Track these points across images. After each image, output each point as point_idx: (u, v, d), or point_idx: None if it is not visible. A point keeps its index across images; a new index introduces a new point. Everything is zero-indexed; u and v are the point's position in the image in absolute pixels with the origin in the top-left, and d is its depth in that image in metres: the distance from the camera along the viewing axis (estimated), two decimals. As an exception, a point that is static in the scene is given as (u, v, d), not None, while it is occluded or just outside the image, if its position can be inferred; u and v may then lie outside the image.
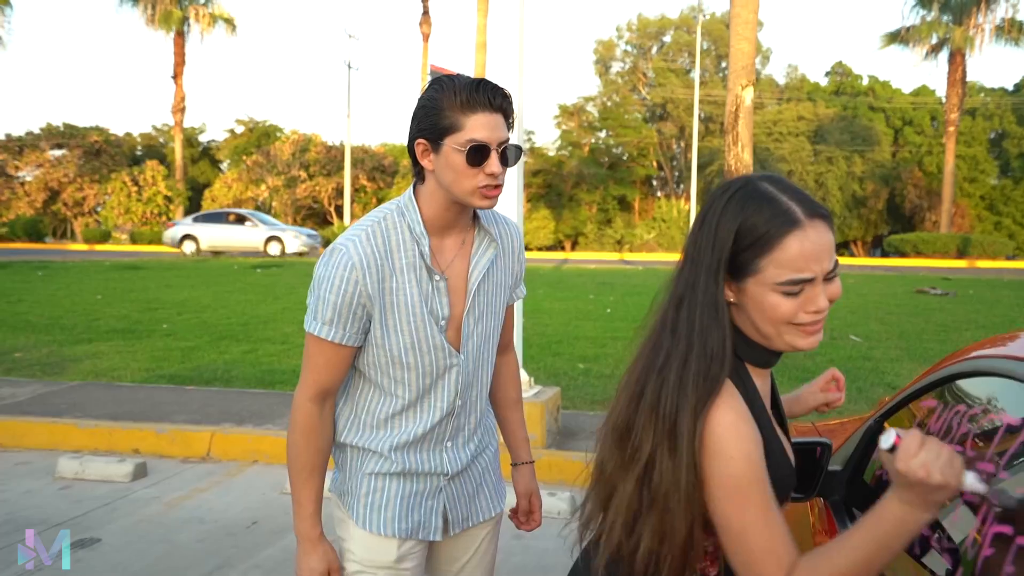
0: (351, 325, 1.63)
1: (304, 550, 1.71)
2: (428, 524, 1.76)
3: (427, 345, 1.67)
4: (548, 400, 5.09)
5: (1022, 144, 38.35)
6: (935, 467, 0.94)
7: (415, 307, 1.65)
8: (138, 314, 10.89)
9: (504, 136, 1.60)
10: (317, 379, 1.67)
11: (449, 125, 1.56)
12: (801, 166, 37.72)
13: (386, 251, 1.63)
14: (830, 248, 1.15)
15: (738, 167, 7.87)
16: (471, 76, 1.62)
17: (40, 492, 4.56)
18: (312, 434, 1.69)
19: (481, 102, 1.56)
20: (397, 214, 1.66)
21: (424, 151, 1.61)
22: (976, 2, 29.40)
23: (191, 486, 4.70)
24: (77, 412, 5.71)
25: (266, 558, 3.71)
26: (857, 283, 16.42)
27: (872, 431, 1.67)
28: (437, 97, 1.58)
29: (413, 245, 1.64)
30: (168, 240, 27.33)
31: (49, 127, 41.89)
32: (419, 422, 1.72)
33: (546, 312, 11.19)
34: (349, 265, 1.59)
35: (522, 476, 2.00)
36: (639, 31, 45.06)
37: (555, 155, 42.24)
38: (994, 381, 1.28)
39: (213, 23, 36.41)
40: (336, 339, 1.62)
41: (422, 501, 1.76)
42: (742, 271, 1.16)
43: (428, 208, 1.66)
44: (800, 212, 1.14)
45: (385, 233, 1.64)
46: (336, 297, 1.60)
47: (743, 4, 7.76)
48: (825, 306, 1.16)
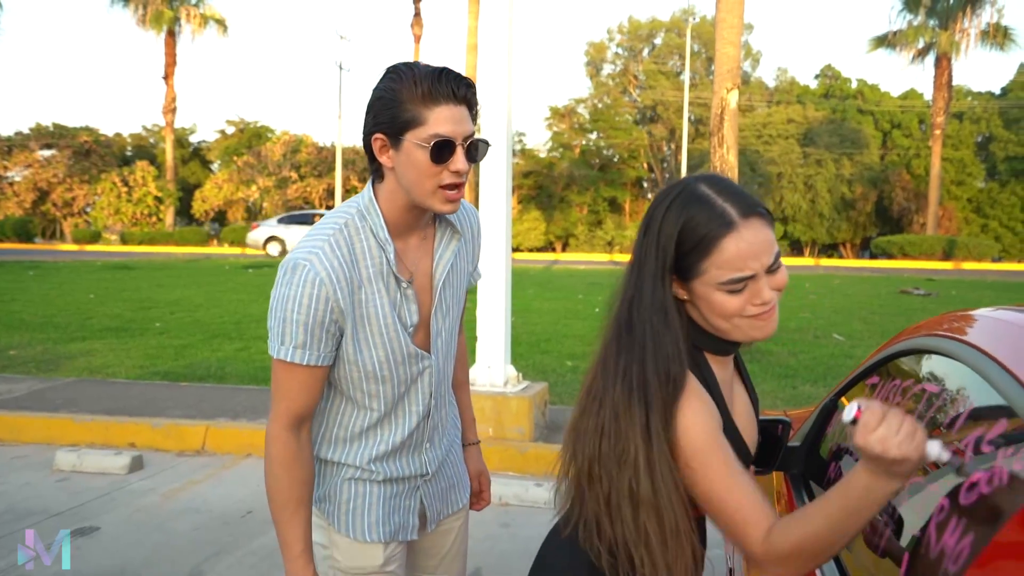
0: (325, 345, 1.51)
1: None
2: (407, 524, 1.72)
3: (400, 355, 1.59)
4: (536, 395, 5.22)
5: (1009, 148, 38.68)
6: (892, 442, 0.95)
7: (386, 317, 1.56)
8: (131, 313, 10.97)
9: (469, 130, 1.48)
10: (291, 406, 1.55)
11: (410, 119, 1.44)
12: (790, 168, 37.93)
13: (352, 261, 1.51)
14: (768, 243, 1.19)
15: (724, 169, 8.02)
16: (430, 66, 1.48)
17: (39, 484, 4.66)
18: (293, 465, 1.56)
19: (444, 93, 1.44)
20: (358, 218, 1.55)
21: (382, 147, 1.49)
22: (962, 7, 29.71)
23: (186, 478, 4.80)
24: (73, 407, 5.81)
25: (260, 546, 3.83)
26: (843, 284, 16.63)
27: (827, 409, 1.80)
28: (395, 88, 1.45)
29: (379, 251, 1.54)
30: (252, 242, 26.26)
31: (39, 127, 41.75)
32: (396, 430, 1.66)
33: (535, 312, 11.32)
34: (317, 281, 1.46)
35: (471, 456, 1.96)
36: (630, 33, 45.23)
37: (546, 157, 42.38)
38: (931, 358, 1.42)
39: (204, 24, 36.39)
40: (311, 362, 1.51)
41: (401, 502, 1.71)
42: (687, 273, 1.21)
43: (389, 210, 1.55)
44: (735, 213, 1.18)
45: (348, 241, 1.52)
46: (307, 317, 1.47)
47: (728, 9, 7.91)
48: (770, 297, 1.20)
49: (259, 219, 26.34)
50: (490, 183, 5.11)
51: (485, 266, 5.15)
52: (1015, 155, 38.37)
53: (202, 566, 3.60)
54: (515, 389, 5.18)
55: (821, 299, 13.65)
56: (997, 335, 1.21)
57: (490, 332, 5.13)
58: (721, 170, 8.01)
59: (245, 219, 39.04)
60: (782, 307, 4.27)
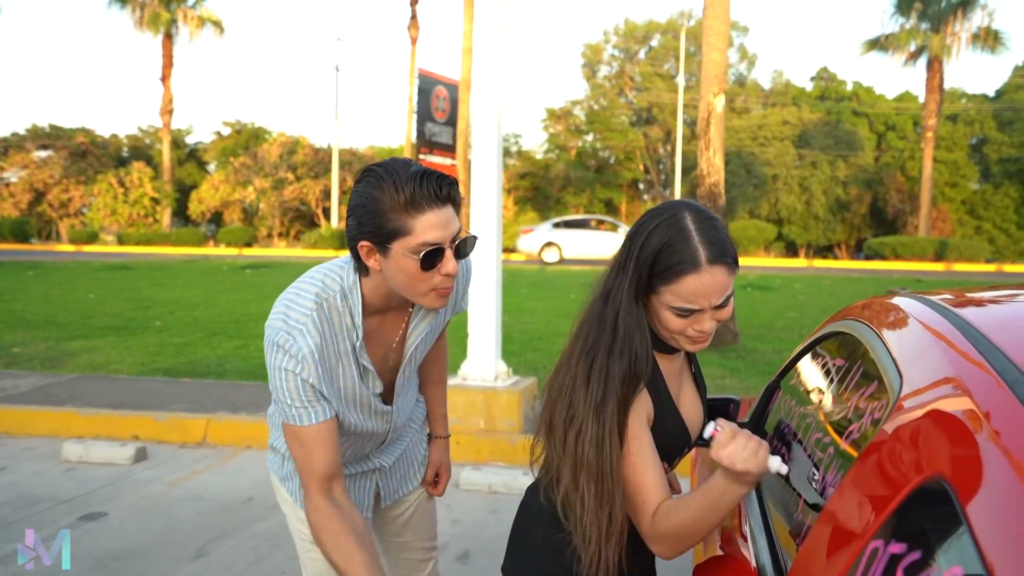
0: (323, 401, 1.58)
1: None
2: (362, 503, 1.89)
3: (368, 412, 1.73)
4: (525, 389, 5.43)
5: (1002, 150, 38.95)
6: (738, 458, 1.21)
7: (357, 386, 1.67)
8: (131, 312, 11.16)
9: (456, 228, 1.50)
10: (318, 467, 1.58)
11: (396, 229, 1.45)
12: (785, 170, 38.18)
13: (331, 337, 1.59)
14: (723, 288, 1.37)
15: (710, 171, 8.23)
16: (410, 167, 1.48)
17: (47, 474, 4.86)
18: (341, 526, 1.56)
19: (427, 198, 1.44)
20: (340, 297, 1.60)
21: (369, 252, 1.51)
22: (953, 10, 29.97)
23: (189, 468, 5.00)
24: (78, 401, 6.00)
25: (262, 530, 4.03)
26: (832, 284, 16.86)
27: (770, 389, 2.02)
28: (377, 196, 1.45)
29: (352, 333, 1.61)
30: (525, 247, 25.23)
31: (35, 128, 41.82)
32: (354, 451, 1.84)
33: (528, 311, 11.53)
34: (300, 357, 1.53)
35: (436, 449, 2.10)
36: (626, 35, 45.47)
37: (542, 158, 42.62)
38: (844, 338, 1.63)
39: (201, 25, 36.51)
40: (319, 419, 1.57)
41: (356, 484, 1.88)
42: (650, 288, 1.41)
43: (372, 296, 1.61)
44: (703, 257, 1.34)
45: (328, 318, 1.58)
46: (299, 394, 1.55)
47: (715, 16, 8.13)
48: (709, 328, 1.40)
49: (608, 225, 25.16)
50: (481, 179, 5.32)
51: (477, 265, 5.36)
52: (1009, 157, 38.64)
53: (206, 547, 3.80)
54: (505, 384, 5.39)
55: (810, 299, 13.87)
56: (889, 318, 1.42)
57: (481, 329, 5.34)
58: (708, 173, 8.23)
59: (241, 220, 39.17)
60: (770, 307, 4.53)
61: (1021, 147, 38.21)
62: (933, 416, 0.98)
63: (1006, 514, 0.75)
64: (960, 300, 1.42)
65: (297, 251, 31.48)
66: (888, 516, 0.91)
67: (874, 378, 1.28)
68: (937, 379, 1.05)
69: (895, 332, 1.32)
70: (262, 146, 40.16)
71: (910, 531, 0.86)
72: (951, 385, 1.00)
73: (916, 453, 0.94)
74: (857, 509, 1.01)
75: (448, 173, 1.53)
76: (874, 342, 1.35)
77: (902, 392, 1.10)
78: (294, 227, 38.90)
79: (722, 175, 8.20)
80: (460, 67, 19.28)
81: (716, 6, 8.24)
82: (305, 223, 39.80)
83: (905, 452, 0.97)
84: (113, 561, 3.63)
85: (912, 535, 0.85)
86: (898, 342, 1.27)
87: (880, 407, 1.17)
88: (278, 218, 38.63)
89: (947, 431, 0.93)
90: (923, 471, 0.89)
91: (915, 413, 1.02)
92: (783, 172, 38.10)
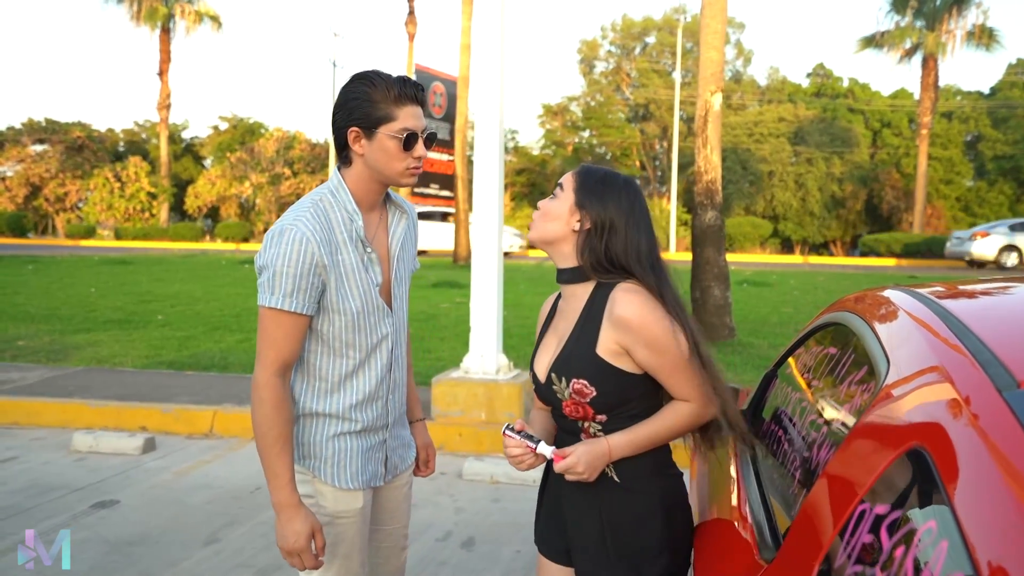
0: (309, 295, 1.80)
1: (287, 516, 1.83)
2: (377, 472, 2.04)
3: (372, 306, 1.91)
4: (526, 382, 5.54)
5: (997, 147, 39.16)
6: (574, 471, 1.68)
7: (360, 273, 1.88)
8: (133, 306, 11.25)
9: (424, 124, 1.87)
10: (278, 354, 1.81)
11: (383, 116, 1.80)
12: (781, 167, 38.34)
13: (329, 227, 1.83)
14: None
15: (708, 168, 8.34)
16: (392, 74, 1.86)
17: (58, 463, 4.96)
18: (282, 407, 1.83)
19: (409, 96, 1.81)
20: (330, 195, 1.87)
21: (356, 138, 1.83)
22: (948, 8, 30.12)
23: (197, 458, 5.11)
24: (86, 393, 6.10)
25: (269, 517, 4.13)
26: (826, 281, 17.01)
27: (767, 378, 2.13)
28: (368, 91, 1.82)
29: (349, 222, 1.86)
30: (977, 253, 23.44)
31: (31, 122, 41.81)
32: (368, 380, 1.96)
33: (527, 306, 11.64)
34: (303, 239, 1.76)
35: (419, 431, 2.26)
36: (623, 32, 45.56)
37: (539, 154, 42.76)
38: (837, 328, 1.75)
39: (199, 20, 36.51)
40: (297, 309, 1.79)
41: (373, 454, 2.02)
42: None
43: (357, 189, 1.89)
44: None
45: (324, 213, 1.84)
46: (295, 269, 1.76)
47: (712, 16, 8.23)
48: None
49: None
50: (483, 176, 5.42)
51: (478, 259, 5.47)
52: (1003, 154, 38.86)
53: (218, 533, 3.91)
54: (506, 377, 5.50)
55: (804, 295, 14.01)
56: (878, 310, 1.53)
57: (483, 323, 5.44)
58: (705, 169, 8.34)
59: (238, 215, 39.21)
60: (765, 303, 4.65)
61: (1015, 144, 38.43)
62: (915, 394, 1.09)
63: (977, 477, 0.86)
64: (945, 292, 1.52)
65: (294, 246, 31.43)
66: (874, 483, 1.02)
67: (864, 363, 1.39)
68: (920, 362, 1.16)
69: (883, 321, 1.43)
70: (259, 141, 40.16)
71: (893, 494, 0.97)
72: (931, 367, 1.11)
73: (899, 427, 1.05)
74: (847, 477, 1.12)
75: (444, 171, 1.83)
76: (864, 331, 1.46)
77: (888, 374, 1.21)
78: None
79: (719, 172, 8.31)
80: (458, 64, 19.36)
81: (714, 5, 8.34)
82: (302, 218, 39.74)
83: (890, 427, 1.08)
84: (128, 546, 3.74)
85: (894, 498, 0.96)
86: (885, 330, 1.38)
87: (869, 389, 1.28)
88: (275, 213, 38.64)
89: (927, 406, 1.04)
90: (905, 442, 0.99)
91: (900, 391, 1.13)
92: (779, 168, 38.25)
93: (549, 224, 1.80)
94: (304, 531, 1.83)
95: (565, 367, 1.77)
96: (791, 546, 1.19)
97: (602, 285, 1.78)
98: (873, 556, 0.93)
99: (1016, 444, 0.86)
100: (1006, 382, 0.96)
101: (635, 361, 1.72)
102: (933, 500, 0.89)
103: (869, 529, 0.96)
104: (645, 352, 1.70)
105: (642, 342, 1.69)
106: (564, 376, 1.77)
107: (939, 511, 0.86)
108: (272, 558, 3.64)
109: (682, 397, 1.74)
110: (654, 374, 1.72)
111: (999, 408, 0.92)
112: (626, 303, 1.72)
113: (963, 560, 0.78)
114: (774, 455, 1.74)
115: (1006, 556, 0.74)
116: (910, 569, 0.85)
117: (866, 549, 0.95)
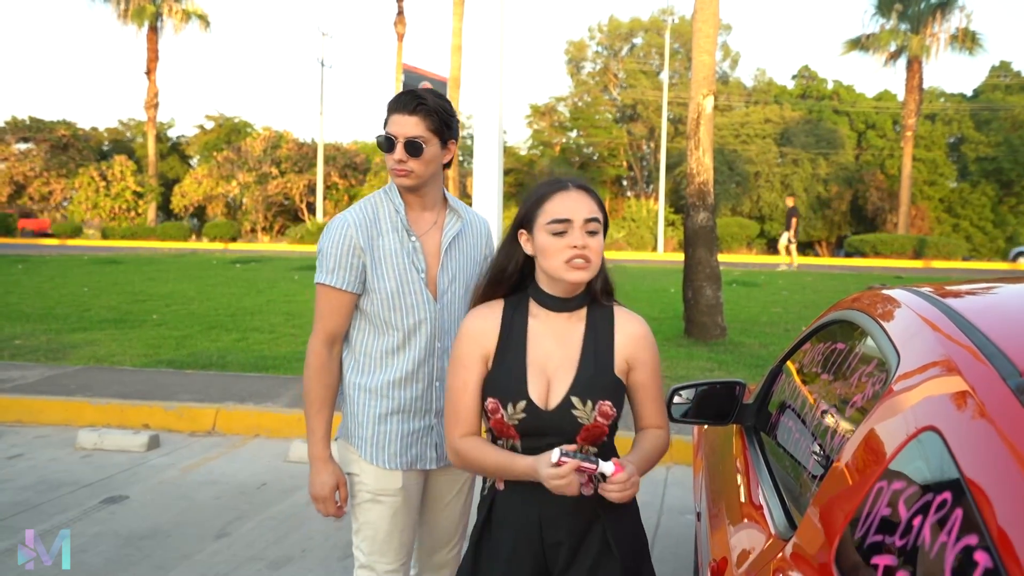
0: (349, 273, 2.06)
1: (316, 469, 2.12)
2: (424, 456, 2.16)
3: (409, 288, 2.10)
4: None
5: (979, 149, 39.56)
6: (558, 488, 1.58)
7: (398, 258, 2.10)
8: (127, 305, 11.27)
9: (410, 133, 2.03)
10: (326, 325, 2.10)
11: (384, 124, 2.09)
12: (767, 168, 38.61)
13: (374, 218, 2.11)
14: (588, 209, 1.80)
15: (700, 170, 8.46)
16: (415, 88, 2.11)
17: (64, 460, 5.02)
18: (324, 372, 2.11)
19: (397, 105, 2.04)
20: (383, 194, 2.16)
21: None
22: (932, 12, 30.46)
23: (201, 455, 5.18)
24: (86, 392, 6.15)
25: (277, 512, 4.22)
26: (814, 281, 17.20)
27: (773, 373, 2.24)
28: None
29: (395, 213, 2.12)
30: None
31: (15, 120, 41.43)
32: (407, 360, 2.11)
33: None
34: (344, 225, 2.07)
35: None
36: (610, 32, 45.70)
37: (526, 154, 42.82)
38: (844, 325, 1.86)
39: (187, 19, 36.38)
40: (338, 284, 2.07)
41: (418, 439, 2.15)
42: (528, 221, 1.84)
43: (402, 190, 2.15)
44: (567, 183, 1.89)
45: (374, 207, 2.14)
46: (336, 249, 2.06)
47: (704, 20, 8.36)
48: (581, 242, 1.73)
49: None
50: (482, 178, 5.51)
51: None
52: (985, 156, 39.28)
53: (227, 527, 3.99)
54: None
55: (792, 295, 14.18)
56: (885, 307, 1.64)
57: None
58: (697, 171, 8.46)
59: (224, 214, 39.08)
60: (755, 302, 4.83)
61: (998, 146, 38.87)
62: (927, 384, 1.20)
63: (986, 455, 0.97)
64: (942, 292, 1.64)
65: (282, 246, 31.49)
66: (890, 461, 1.13)
67: (873, 358, 1.50)
68: (929, 355, 1.27)
69: (891, 318, 1.54)
70: (246, 140, 40.02)
71: (910, 471, 1.08)
72: (940, 360, 1.22)
73: (914, 412, 1.16)
74: (865, 458, 1.23)
75: None
76: (872, 327, 1.57)
77: (900, 367, 1.32)
78: (278, 222, 38.85)
79: (711, 174, 8.43)
80: (449, 65, 19.43)
81: (705, 10, 8.46)
82: (289, 218, 39.75)
83: (905, 412, 1.19)
84: (139, 540, 3.81)
85: (911, 475, 1.07)
86: (894, 326, 1.49)
87: (880, 380, 1.39)
88: (262, 212, 38.53)
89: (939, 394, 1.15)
90: (920, 425, 1.10)
91: (912, 381, 1.24)
92: (765, 169, 38.52)
93: (599, 261, 1.74)
94: (329, 482, 2.11)
95: (589, 390, 1.69)
96: (811, 521, 1.30)
97: (594, 307, 1.79)
98: (892, 526, 1.04)
99: (1019, 425, 0.97)
100: (1010, 372, 1.07)
101: (629, 380, 1.77)
102: (946, 475, 1.00)
103: (888, 503, 1.07)
104: (647, 369, 1.76)
105: (650, 358, 1.77)
106: (590, 399, 1.69)
107: (953, 484, 0.97)
108: (283, 551, 3.73)
109: (654, 423, 1.79)
110: (641, 395, 1.78)
111: (1004, 395, 1.03)
112: (636, 321, 1.80)
113: (976, 524, 0.89)
114: (785, 443, 1.85)
115: (1012, 521, 0.85)
116: (928, 535, 0.96)
117: (885, 521, 1.06)
